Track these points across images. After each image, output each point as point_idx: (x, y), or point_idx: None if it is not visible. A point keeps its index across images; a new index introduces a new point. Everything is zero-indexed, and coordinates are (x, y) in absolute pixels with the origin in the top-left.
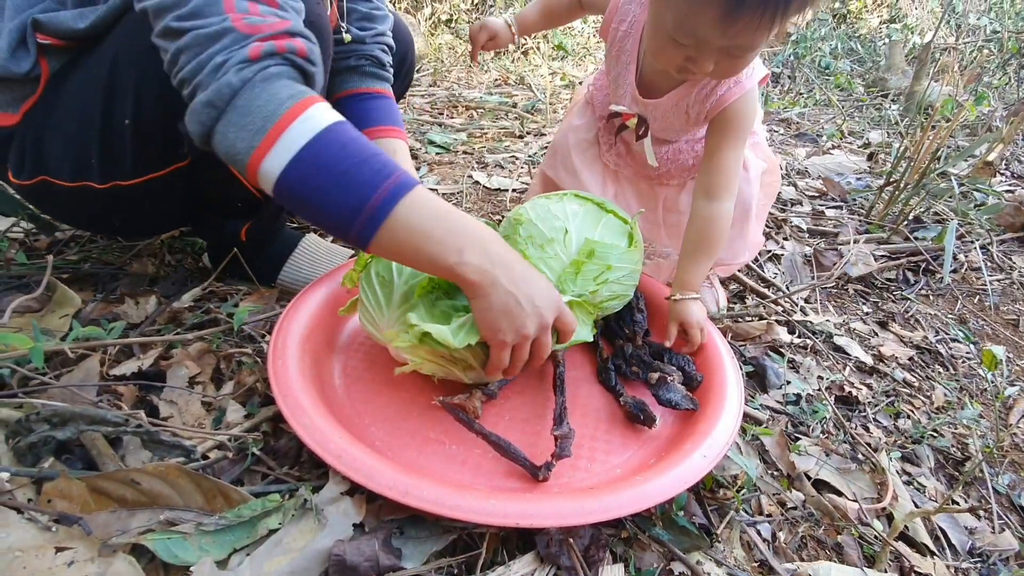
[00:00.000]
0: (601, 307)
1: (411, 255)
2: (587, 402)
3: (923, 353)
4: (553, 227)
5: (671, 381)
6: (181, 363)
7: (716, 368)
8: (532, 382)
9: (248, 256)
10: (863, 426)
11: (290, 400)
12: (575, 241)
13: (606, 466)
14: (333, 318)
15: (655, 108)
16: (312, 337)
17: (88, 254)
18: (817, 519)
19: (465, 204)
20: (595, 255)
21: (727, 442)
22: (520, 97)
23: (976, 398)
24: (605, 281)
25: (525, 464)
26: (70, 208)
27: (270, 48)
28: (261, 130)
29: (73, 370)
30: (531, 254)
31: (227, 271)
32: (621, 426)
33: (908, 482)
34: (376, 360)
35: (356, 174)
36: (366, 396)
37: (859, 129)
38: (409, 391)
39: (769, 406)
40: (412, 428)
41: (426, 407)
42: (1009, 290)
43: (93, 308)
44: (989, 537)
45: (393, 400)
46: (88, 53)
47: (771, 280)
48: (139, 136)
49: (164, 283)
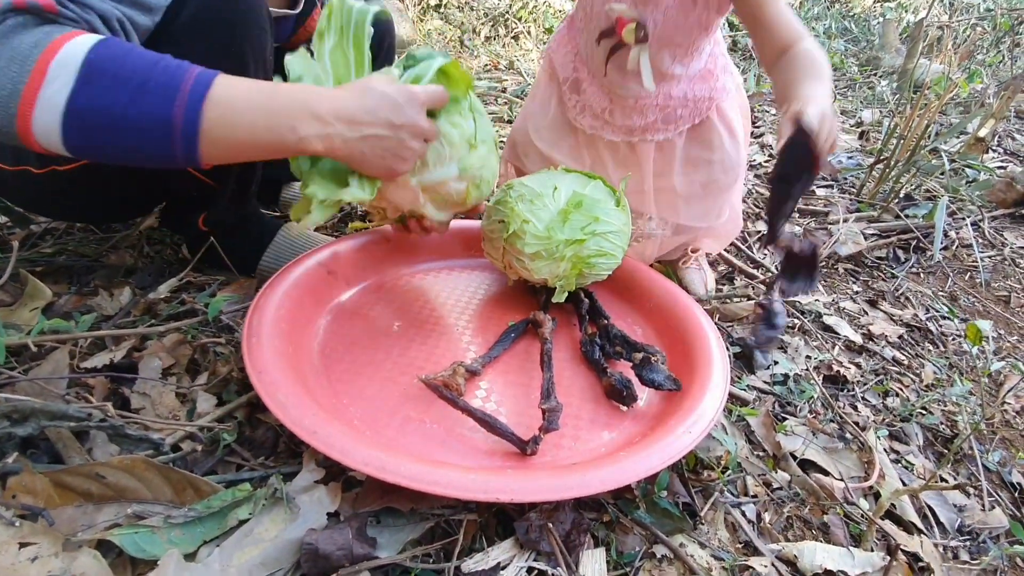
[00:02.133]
0: (589, 263)
1: (247, 150)
2: (572, 381)
3: (913, 331)
4: (543, 184)
5: (655, 362)
6: (154, 354)
7: (701, 347)
8: (517, 361)
9: (226, 245)
10: (851, 405)
11: (264, 376)
12: (564, 195)
13: (590, 445)
14: (311, 298)
15: (656, 6)
16: (288, 317)
17: (63, 246)
18: (803, 499)
19: None
20: (583, 206)
21: (712, 419)
22: (510, 82)
23: (966, 375)
24: (592, 233)
25: (512, 439)
26: (19, 191)
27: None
28: (13, 93)
29: (41, 364)
30: (521, 208)
31: (207, 261)
32: (606, 405)
33: (896, 460)
34: (356, 341)
35: (149, 84)
36: (345, 375)
37: (852, 108)
38: (390, 371)
39: (756, 387)
40: (392, 407)
41: (407, 387)
42: (1000, 267)
43: (66, 301)
44: (979, 515)
45: (373, 379)
46: None
47: (760, 261)
48: None
49: (140, 274)
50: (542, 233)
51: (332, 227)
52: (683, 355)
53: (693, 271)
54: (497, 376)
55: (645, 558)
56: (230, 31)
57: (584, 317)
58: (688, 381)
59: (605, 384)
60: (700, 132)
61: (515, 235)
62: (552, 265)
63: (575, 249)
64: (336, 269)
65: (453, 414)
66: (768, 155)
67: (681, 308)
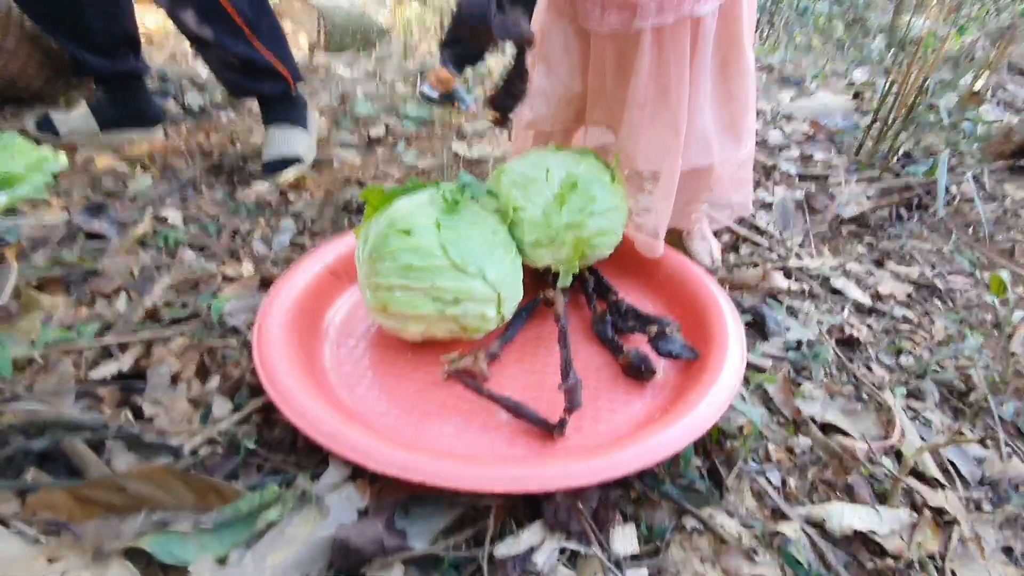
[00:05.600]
0: (590, 243)
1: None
2: (587, 361)
3: (920, 289)
4: (535, 167)
5: (670, 332)
6: (163, 361)
7: (715, 315)
8: (531, 342)
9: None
10: (866, 366)
11: (279, 385)
12: (557, 177)
13: (611, 425)
14: (318, 299)
15: None
16: (297, 320)
17: (57, 258)
18: (825, 462)
19: (447, 176)
20: (577, 187)
21: (732, 389)
22: (493, 63)
23: (977, 328)
24: (591, 213)
25: (539, 422)
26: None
27: None
28: None
29: (47, 376)
30: (515, 195)
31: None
32: (624, 382)
33: (914, 417)
34: (365, 339)
35: None
36: (359, 375)
37: (842, 69)
38: (403, 367)
39: (771, 354)
40: (409, 404)
41: (422, 382)
42: (1003, 219)
43: (65, 312)
44: (998, 466)
45: (388, 376)
46: None
47: (764, 228)
48: None
49: (137, 280)
50: (539, 220)
51: (332, 226)
52: (697, 325)
53: (698, 241)
54: (512, 357)
55: (675, 531)
56: None
57: (592, 296)
58: (705, 349)
59: (622, 361)
60: (729, 14)
61: (512, 224)
62: (554, 251)
63: (575, 232)
64: (339, 269)
65: (471, 404)
66: None
67: (691, 278)
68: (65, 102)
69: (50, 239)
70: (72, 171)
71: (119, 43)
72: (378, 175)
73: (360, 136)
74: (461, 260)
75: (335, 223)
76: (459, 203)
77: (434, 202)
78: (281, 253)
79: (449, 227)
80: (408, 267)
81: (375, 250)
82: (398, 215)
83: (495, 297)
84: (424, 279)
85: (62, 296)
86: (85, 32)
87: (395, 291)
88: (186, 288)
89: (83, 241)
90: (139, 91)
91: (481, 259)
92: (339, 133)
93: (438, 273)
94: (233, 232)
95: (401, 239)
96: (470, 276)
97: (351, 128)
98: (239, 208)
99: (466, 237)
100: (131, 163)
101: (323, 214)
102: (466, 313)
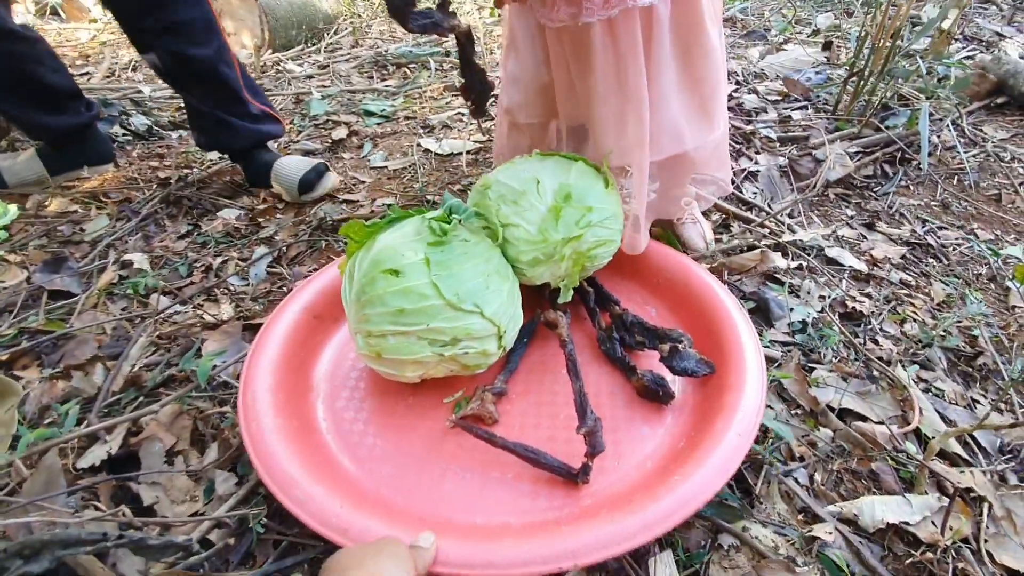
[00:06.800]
0: (589, 256)
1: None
2: (597, 384)
3: (914, 248)
4: (523, 180)
5: (683, 348)
6: (154, 437)
7: (723, 320)
8: (536, 369)
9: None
10: (872, 340)
11: (275, 472)
12: (549, 188)
13: (635, 461)
14: (304, 349)
15: None
16: (285, 381)
17: (23, 325)
18: (848, 451)
19: (421, 177)
20: (572, 198)
21: (758, 411)
22: (450, 43)
23: (973, 284)
24: (588, 224)
25: (562, 471)
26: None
27: None
28: None
29: (34, 473)
30: (504, 211)
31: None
32: (640, 407)
33: (926, 390)
34: (360, 386)
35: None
36: (359, 434)
37: (807, 16)
38: (405, 416)
39: (778, 340)
40: (417, 464)
41: (428, 432)
42: (986, 164)
43: (40, 391)
44: (1016, 431)
45: (389, 430)
46: None
47: (751, 201)
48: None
49: (110, 343)
50: (535, 237)
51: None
52: (706, 331)
53: (689, 225)
54: (519, 390)
55: (712, 551)
56: None
57: (594, 310)
58: (718, 359)
59: (636, 384)
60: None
61: (505, 242)
62: (552, 267)
63: (574, 246)
64: (322, 312)
65: (484, 452)
66: None
67: (694, 280)
68: (7, 144)
69: (12, 304)
70: (23, 218)
71: (69, 96)
72: (348, 183)
73: (322, 140)
74: (456, 297)
75: (312, 245)
76: (447, 232)
77: (420, 234)
78: (259, 286)
79: (439, 262)
80: (400, 311)
81: (362, 293)
82: (383, 254)
83: (495, 331)
84: (418, 322)
85: (35, 370)
86: (39, 94)
87: (388, 338)
88: (165, 342)
89: (46, 301)
90: (92, 137)
91: (477, 293)
92: (298, 139)
93: (433, 314)
94: (205, 269)
95: (389, 281)
96: (467, 313)
97: (310, 132)
98: (207, 240)
99: (459, 271)
100: (84, 203)
101: (298, 236)
102: (467, 352)
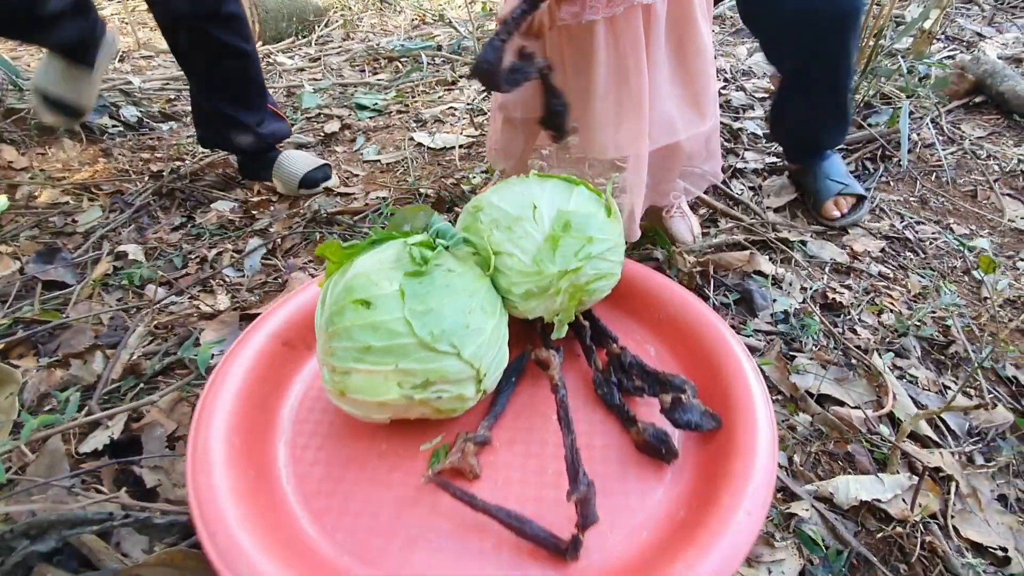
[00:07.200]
0: (587, 290)
1: None
2: (590, 436)
3: (892, 242)
4: (519, 204)
5: (687, 400)
6: (155, 422)
7: (729, 366)
8: (524, 418)
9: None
10: (850, 329)
11: (220, 540)
12: (547, 216)
13: (628, 530)
14: (269, 386)
15: None
16: (245, 423)
17: (18, 315)
18: (826, 434)
19: (413, 171)
20: (571, 227)
21: (770, 482)
22: (442, 36)
23: (948, 277)
24: (588, 256)
25: (548, 543)
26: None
27: None
28: None
29: (38, 457)
30: (497, 238)
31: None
32: (635, 463)
33: (900, 376)
34: (330, 429)
35: None
36: (322, 489)
37: None
38: (376, 467)
39: (761, 330)
40: (386, 527)
41: (401, 487)
42: (963, 161)
43: (39, 378)
44: (984, 415)
45: (357, 486)
46: None
47: (739, 198)
48: None
49: (108, 332)
50: (529, 268)
51: (303, 241)
52: (710, 377)
53: (678, 219)
54: (504, 437)
55: None
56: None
57: (590, 347)
58: (723, 412)
59: (636, 438)
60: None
61: (497, 272)
62: (547, 301)
63: (571, 279)
64: (292, 338)
65: (463, 515)
66: None
67: (698, 319)
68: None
69: (5, 294)
70: (13, 209)
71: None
72: (341, 177)
73: (315, 133)
74: (430, 336)
75: (306, 237)
76: (429, 261)
77: (400, 260)
78: (254, 278)
79: (417, 295)
80: (366, 348)
81: (330, 323)
82: (357, 281)
83: (473, 374)
84: (386, 361)
85: (31, 359)
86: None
87: (353, 375)
88: (163, 331)
89: (40, 292)
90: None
91: (455, 331)
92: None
93: (403, 353)
94: (200, 260)
95: (359, 312)
96: (442, 354)
97: (303, 126)
98: (201, 232)
99: (437, 306)
100: (75, 195)
101: (292, 228)
102: (440, 396)
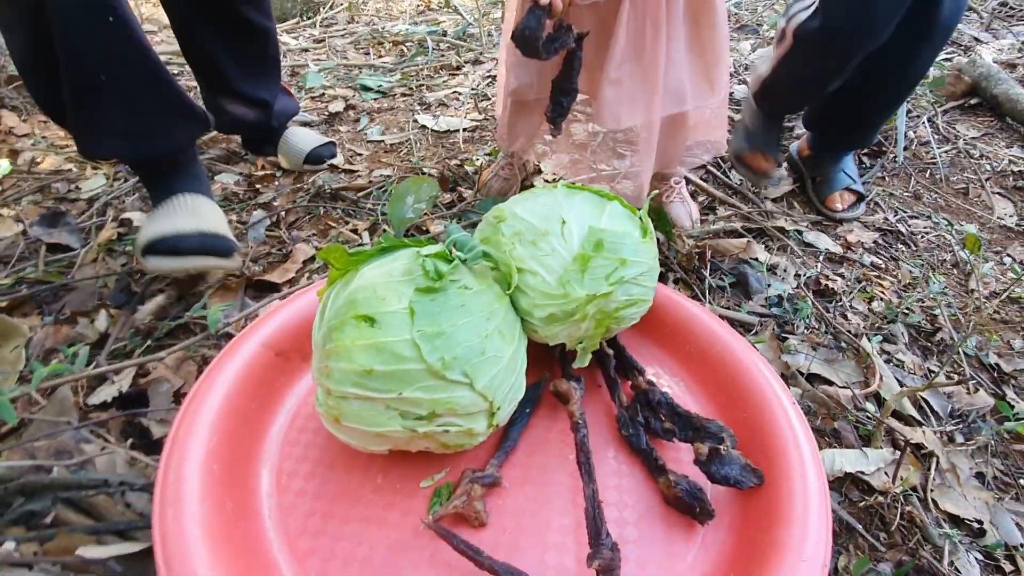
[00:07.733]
0: (616, 317)
1: None
2: (618, 486)
3: (886, 234)
4: (546, 217)
5: (725, 451)
6: (162, 378)
7: (776, 421)
8: (538, 455)
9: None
10: (842, 315)
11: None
12: (576, 232)
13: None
14: (257, 402)
15: None
16: (226, 445)
17: (22, 275)
18: (814, 411)
19: (417, 152)
20: (604, 247)
21: (824, 563)
22: (448, 23)
23: (938, 269)
24: (620, 280)
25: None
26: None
27: None
28: None
29: (46, 406)
30: (520, 253)
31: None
32: (663, 520)
33: (888, 360)
34: (322, 456)
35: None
36: (307, 526)
37: None
38: (370, 503)
39: (755, 312)
40: (383, 571)
41: (394, 531)
42: (957, 160)
43: (45, 334)
44: (966, 398)
45: (347, 524)
46: None
47: (737, 187)
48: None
49: (113, 293)
50: (555, 290)
51: (307, 215)
52: (746, 423)
53: (677, 204)
54: (515, 476)
55: None
56: None
57: (615, 380)
58: (763, 462)
59: (666, 491)
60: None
61: (518, 291)
62: (571, 327)
63: (599, 305)
64: (286, 348)
65: (464, 568)
66: None
67: (734, 355)
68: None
69: (8, 255)
70: (15, 173)
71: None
72: (345, 156)
73: (319, 112)
74: (441, 363)
75: (309, 212)
76: (443, 276)
77: (411, 273)
78: (259, 248)
79: (428, 314)
80: (368, 372)
81: (328, 339)
82: (361, 294)
83: (486, 407)
84: (388, 388)
85: (35, 318)
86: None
87: (350, 401)
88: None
89: (45, 254)
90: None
91: (469, 358)
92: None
93: (408, 381)
94: None
95: (361, 330)
96: (452, 384)
97: (307, 105)
98: None
99: (450, 328)
100: (79, 163)
101: (296, 202)
102: (447, 430)
